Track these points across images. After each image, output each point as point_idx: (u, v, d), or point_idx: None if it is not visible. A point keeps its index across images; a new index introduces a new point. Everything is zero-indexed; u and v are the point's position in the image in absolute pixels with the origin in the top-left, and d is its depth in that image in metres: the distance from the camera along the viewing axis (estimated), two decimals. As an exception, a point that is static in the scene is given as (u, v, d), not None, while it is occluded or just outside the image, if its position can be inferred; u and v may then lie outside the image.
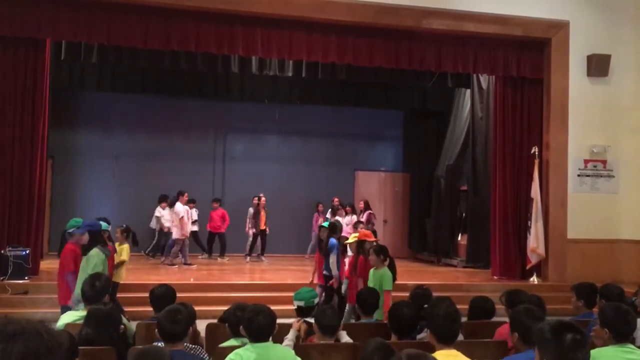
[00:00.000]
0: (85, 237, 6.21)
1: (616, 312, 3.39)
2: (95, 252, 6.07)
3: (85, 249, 6.14)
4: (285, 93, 13.65)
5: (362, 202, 12.80)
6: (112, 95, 13.18)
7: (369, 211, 12.78)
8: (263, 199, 12.71)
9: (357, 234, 7.15)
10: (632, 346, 3.35)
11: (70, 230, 6.41)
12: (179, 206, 11.63)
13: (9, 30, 8.91)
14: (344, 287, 7.01)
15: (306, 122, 14.61)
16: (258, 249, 12.81)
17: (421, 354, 2.23)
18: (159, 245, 12.11)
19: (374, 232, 8.21)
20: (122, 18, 9.19)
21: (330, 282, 7.28)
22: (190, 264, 11.34)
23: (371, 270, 6.30)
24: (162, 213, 12.05)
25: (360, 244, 6.77)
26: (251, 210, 12.61)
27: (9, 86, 9.14)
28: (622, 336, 3.30)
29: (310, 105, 14.18)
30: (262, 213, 12.59)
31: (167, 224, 11.85)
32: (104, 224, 6.57)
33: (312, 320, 4.18)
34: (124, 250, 7.20)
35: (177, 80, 12.93)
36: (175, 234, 11.42)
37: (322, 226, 7.77)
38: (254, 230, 12.54)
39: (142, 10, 9.19)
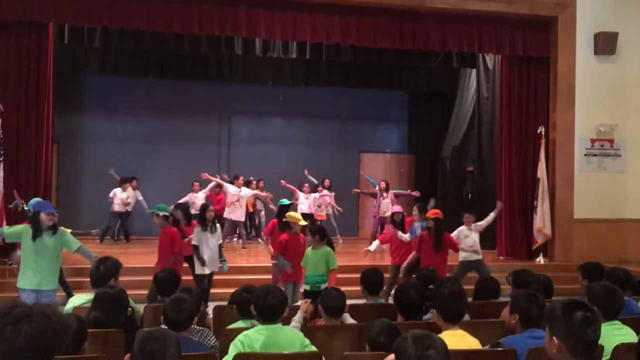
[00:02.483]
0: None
1: (604, 290, 3.56)
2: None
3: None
4: (289, 75, 13.57)
5: (382, 183, 12.71)
6: (116, 78, 13.15)
7: (392, 191, 12.67)
8: (254, 183, 12.75)
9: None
10: (620, 323, 3.52)
11: (165, 214, 6.75)
12: (232, 188, 11.60)
13: (11, 15, 8.87)
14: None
15: (310, 104, 14.55)
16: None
17: (427, 334, 2.23)
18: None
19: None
20: (124, 0, 9.13)
21: None
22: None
23: (310, 250, 6.39)
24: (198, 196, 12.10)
25: (438, 222, 7.29)
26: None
27: (13, 71, 9.13)
28: (610, 313, 3.48)
29: (315, 86, 14.12)
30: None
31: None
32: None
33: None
34: None
35: (180, 63, 12.88)
36: (225, 214, 11.44)
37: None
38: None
39: (144, -7, 9.13)
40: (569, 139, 10.43)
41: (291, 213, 7.12)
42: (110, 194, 12.12)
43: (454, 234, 7.92)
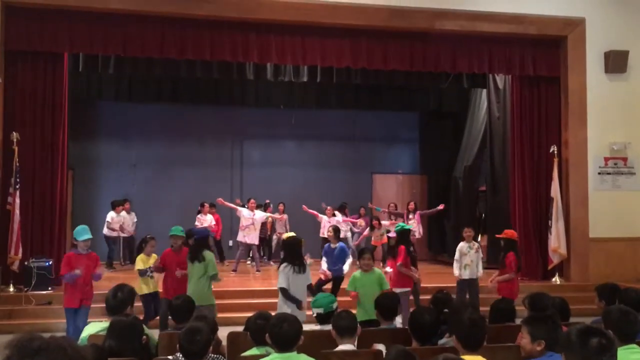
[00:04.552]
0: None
1: (620, 313, 3.52)
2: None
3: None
4: (301, 98, 13.68)
5: (412, 204, 12.82)
6: (130, 105, 13.33)
7: (419, 212, 12.73)
8: (271, 207, 12.84)
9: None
10: (636, 346, 3.45)
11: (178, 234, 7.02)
12: (246, 212, 11.70)
13: (27, 45, 9.07)
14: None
15: (322, 127, 14.63)
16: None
17: (457, 359, 2.26)
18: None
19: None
20: (137, 29, 9.30)
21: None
22: (234, 270, 11.38)
23: (359, 274, 6.40)
24: (206, 219, 12.23)
25: (512, 242, 7.62)
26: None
27: (29, 99, 9.29)
28: (626, 337, 3.42)
29: (326, 109, 14.21)
30: (270, 220, 12.71)
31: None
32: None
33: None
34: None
35: (193, 89, 13.03)
36: (239, 238, 11.51)
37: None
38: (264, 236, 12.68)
39: (156, 21, 9.29)
40: (582, 158, 10.37)
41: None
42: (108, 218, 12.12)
43: (456, 253, 7.95)
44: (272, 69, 11.33)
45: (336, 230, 8.21)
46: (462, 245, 8.11)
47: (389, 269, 7.69)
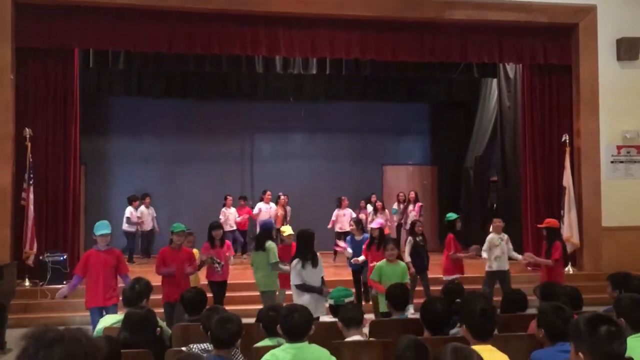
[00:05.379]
0: None
1: (631, 301, 3.51)
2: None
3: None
4: (310, 90, 13.66)
5: (412, 193, 12.89)
6: (140, 100, 13.38)
7: (419, 203, 12.83)
8: (282, 198, 12.75)
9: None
10: None
11: None
12: (263, 206, 11.93)
13: (38, 42, 9.14)
14: None
15: (332, 119, 14.60)
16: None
17: (466, 348, 2.29)
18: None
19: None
20: (146, 24, 9.34)
21: None
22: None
23: (384, 264, 6.50)
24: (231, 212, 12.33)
25: (556, 231, 7.67)
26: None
27: (41, 95, 9.37)
28: (638, 325, 3.41)
29: (336, 101, 14.19)
30: (282, 212, 12.67)
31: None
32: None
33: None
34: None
35: (202, 83, 13.05)
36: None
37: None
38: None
39: (165, 16, 9.32)
40: (594, 147, 10.30)
41: (283, 227, 8.08)
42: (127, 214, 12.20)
43: (485, 244, 7.90)
44: (281, 62, 11.32)
45: (357, 222, 8.58)
46: (492, 236, 8.00)
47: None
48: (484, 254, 7.98)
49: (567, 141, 10.20)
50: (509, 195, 12.04)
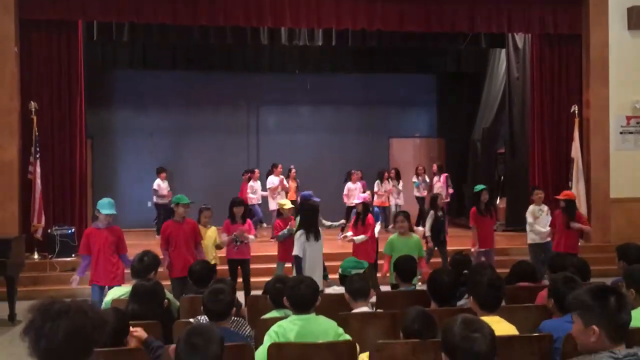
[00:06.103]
0: None
1: None
2: None
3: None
4: (316, 62, 13.51)
5: (435, 166, 12.88)
6: (145, 72, 13.29)
7: (445, 174, 12.80)
8: (293, 171, 12.65)
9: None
10: None
11: None
12: (275, 179, 11.83)
13: (41, 14, 9.06)
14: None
15: (338, 91, 14.49)
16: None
17: (477, 320, 2.29)
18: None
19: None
20: (150, -5, 9.23)
21: None
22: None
23: (396, 237, 6.44)
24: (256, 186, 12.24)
25: (574, 203, 7.58)
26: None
27: (45, 69, 9.33)
28: None
29: (342, 73, 14.05)
30: (294, 184, 12.61)
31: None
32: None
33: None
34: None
35: (207, 55, 12.93)
36: (272, 206, 11.56)
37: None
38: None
39: (169, -14, 9.20)
40: (603, 117, 10.18)
41: (280, 201, 8.07)
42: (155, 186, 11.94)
43: (527, 216, 7.83)
44: (286, 34, 11.18)
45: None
46: (533, 208, 7.86)
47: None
48: (528, 227, 7.83)
49: (576, 112, 10.09)
50: (517, 167, 11.96)
